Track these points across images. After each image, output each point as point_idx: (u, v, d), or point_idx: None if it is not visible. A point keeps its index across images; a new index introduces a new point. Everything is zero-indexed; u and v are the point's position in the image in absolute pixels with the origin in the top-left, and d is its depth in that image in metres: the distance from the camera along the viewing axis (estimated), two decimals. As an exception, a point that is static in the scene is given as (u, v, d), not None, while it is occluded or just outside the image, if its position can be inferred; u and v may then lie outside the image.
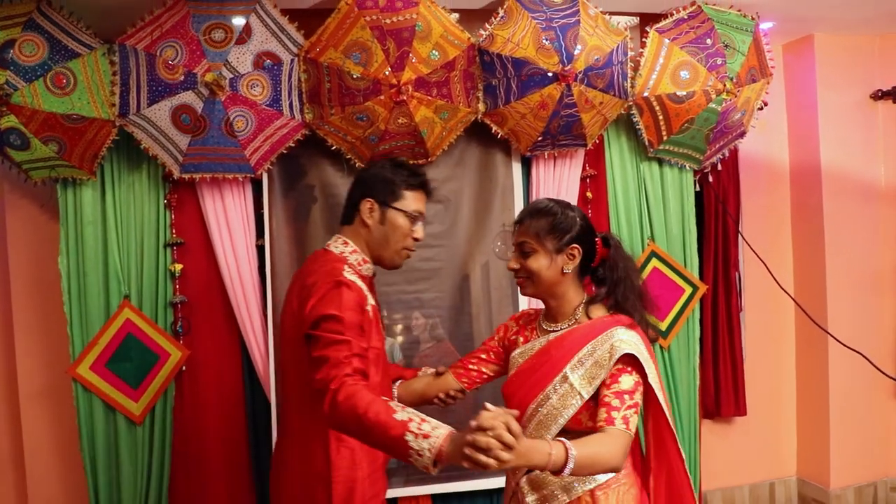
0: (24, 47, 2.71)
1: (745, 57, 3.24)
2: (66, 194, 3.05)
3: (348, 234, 2.18)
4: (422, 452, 1.61)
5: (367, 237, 2.17)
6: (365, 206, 2.15)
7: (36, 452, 3.27)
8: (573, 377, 1.94)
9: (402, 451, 1.64)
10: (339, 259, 2.11)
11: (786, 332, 4.18)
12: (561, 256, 2.01)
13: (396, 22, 2.83)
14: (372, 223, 2.16)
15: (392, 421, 1.67)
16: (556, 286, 2.04)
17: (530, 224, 2.04)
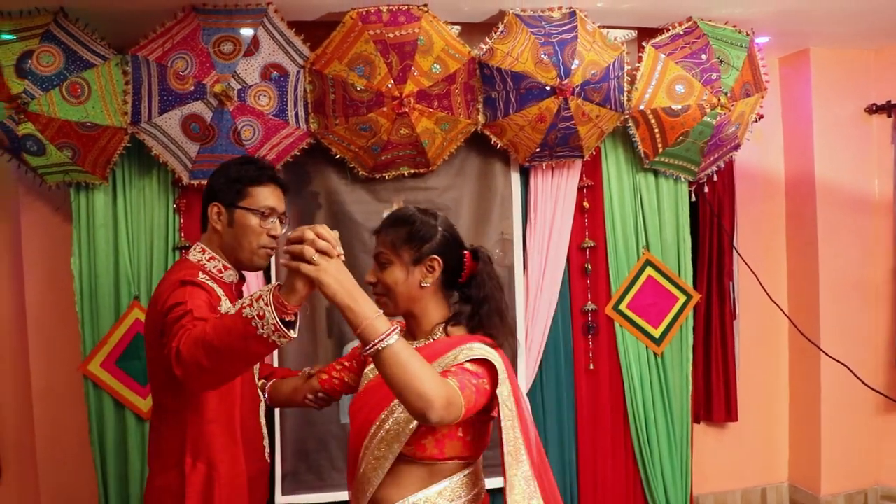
0: (42, 58, 2.82)
1: (739, 72, 3.32)
2: (79, 198, 3.17)
3: (204, 242, 2.11)
4: (262, 313, 1.48)
5: (219, 242, 2.08)
6: (212, 211, 2.07)
7: (47, 447, 3.39)
8: None
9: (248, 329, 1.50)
10: (194, 267, 2.03)
11: (779, 341, 4.25)
12: (419, 268, 1.80)
13: (399, 36, 2.93)
14: (221, 227, 2.07)
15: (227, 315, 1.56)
16: (415, 302, 1.82)
17: (387, 233, 1.84)
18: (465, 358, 1.69)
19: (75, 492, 3.39)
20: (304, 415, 3.23)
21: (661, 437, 3.61)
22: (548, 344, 3.49)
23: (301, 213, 3.30)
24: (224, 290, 2.01)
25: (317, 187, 3.32)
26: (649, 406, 3.59)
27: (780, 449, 4.31)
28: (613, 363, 3.61)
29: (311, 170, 3.30)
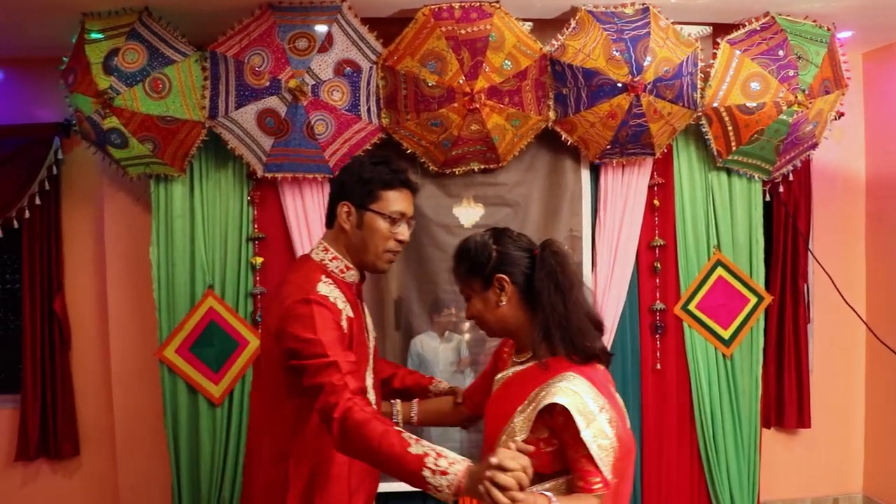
0: (127, 55, 2.93)
1: (818, 68, 3.23)
2: (158, 189, 3.28)
3: (328, 240, 2.03)
4: (440, 488, 1.59)
5: (345, 242, 2.00)
6: (342, 210, 1.98)
7: (125, 428, 3.54)
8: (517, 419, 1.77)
9: (420, 484, 1.62)
10: (318, 267, 1.97)
11: (855, 346, 4.12)
12: (491, 292, 1.85)
13: (471, 32, 2.94)
14: (349, 227, 1.98)
15: (407, 455, 1.62)
16: (504, 321, 1.87)
17: (456, 273, 1.95)
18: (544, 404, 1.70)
19: (150, 474, 3.52)
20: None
21: (728, 441, 3.55)
22: (615, 343, 3.46)
23: (371, 207, 3.35)
24: (344, 291, 1.96)
25: (387, 182, 3.36)
26: (716, 408, 3.53)
27: (854, 458, 4.18)
28: (681, 364, 3.56)
29: (381, 164, 3.34)
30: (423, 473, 1.60)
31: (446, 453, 1.63)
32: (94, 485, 3.67)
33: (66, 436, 3.58)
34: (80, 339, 3.66)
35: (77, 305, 3.65)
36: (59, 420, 3.56)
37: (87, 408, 3.67)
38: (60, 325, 3.58)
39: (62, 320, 3.58)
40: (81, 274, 3.65)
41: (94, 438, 3.67)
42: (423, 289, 3.33)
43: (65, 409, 3.57)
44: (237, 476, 3.32)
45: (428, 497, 3.28)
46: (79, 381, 3.67)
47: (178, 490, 3.31)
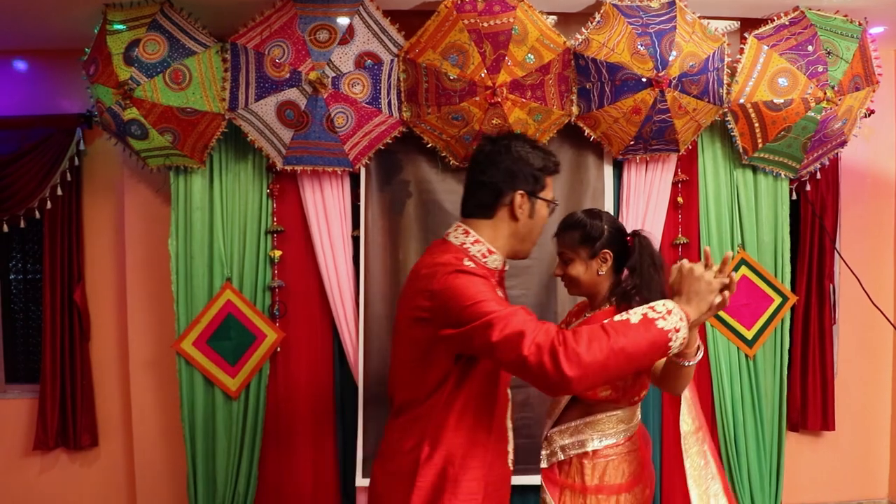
0: (148, 46, 2.92)
1: (848, 64, 3.16)
2: (177, 181, 3.28)
3: (480, 227, 1.92)
4: (678, 327, 1.68)
5: (513, 230, 1.92)
6: (517, 199, 1.88)
7: (142, 418, 3.54)
8: None
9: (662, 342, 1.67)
10: (458, 250, 1.88)
11: (883, 348, 4.04)
12: (595, 261, 2.22)
13: (493, 25, 2.90)
14: (522, 217, 1.91)
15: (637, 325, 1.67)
16: (595, 286, 2.25)
17: (564, 238, 2.25)
18: None
19: (166, 465, 3.53)
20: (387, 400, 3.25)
21: (750, 442, 3.49)
22: (635, 341, 3.41)
23: (392, 202, 3.32)
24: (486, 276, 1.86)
25: (407, 176, 3.33)
26: (738, 409, 3.48)
27: (880, 463, 4.10)
28: (702, 364, 3.50)
29: (402, 158, 3.32)
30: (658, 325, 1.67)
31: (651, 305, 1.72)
32: (111, 475, 3.68)
33: (85, 426, 3.59)
34: (99, 329, 3.67)
35: (97, 296, 3.66)
36: (78, 411, 3.57)
37: (105, 399, 3.68)
38: (80, 315, 3.59)
39: (82, 311, 3.59)
40: (102, 265, 3.66)
41: (112, 429, 3.68)
42: (442, 284, 3.30)
43: (84, 400, 3.58)
44: (252, 469, 3.32)
45: None
46: (98, 371, 3.68)
47: (193, 482, 3.32)
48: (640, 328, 1.66)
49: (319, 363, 3.38)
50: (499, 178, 1.90)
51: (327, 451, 3.39)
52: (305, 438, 3.35)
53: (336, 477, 3.41)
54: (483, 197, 1.91)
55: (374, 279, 3.29)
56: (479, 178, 1.92)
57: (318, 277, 3.33)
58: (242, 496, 3.32)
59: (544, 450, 2.26)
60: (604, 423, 2.19)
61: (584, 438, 2.19)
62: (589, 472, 2.17)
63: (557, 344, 1.62)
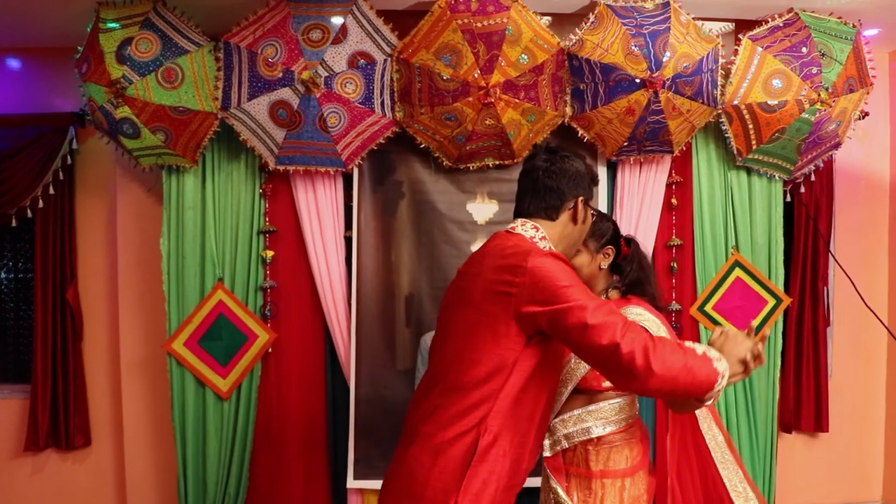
0: (140, 44, 2.91)
1: (842, 66, 3.16)
2: (170, 180, 3.27)
3: (544, 225, 2.01)
4: (724, 374, 1.78)
5: (567, 233, 2.05)
6: (579, 205, 2.02)
7: (133, 419, 3.53)
8: None
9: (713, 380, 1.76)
10: (529, 243, 1.95)
11: (877, 350, 4.03)
12: (599, 255, 2.38)
13: (487, 26, 2.89)
14: (579, 221, 2.05)
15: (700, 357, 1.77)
16: (593, 279, 2.40)
17: None
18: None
19: (158, 465, 3.52)
20: (378, 402, 3.26)
21: (743, 444, 3.48)
22: (628, 343, 3.40)
23: (384, 202, 3.32)
24: None
25: (401, 176, 3.32)
26: (731, 411, 3.47)
27: (874, 464, 4.09)
28: (696, 366, 3.50)
29: (395, 158, 3.31)
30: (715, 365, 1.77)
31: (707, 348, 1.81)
32: (102, 476, 3.66)
33: (78, 426, 3.57)
34: (91, 329, 3.65)
35: (89, 296, 3.65)
36: (69, 411, 3.55)
37: (97, 399, 3.66)
38: (73, 315, 3.57)
39: (74, 310, 3.57)
40: (94, 264, 3.64)
41: (103, 430, 3.66)
42: (435, 285, 3.29)
43: (76, 400, 3.56)
44: (243, 471, 3.30)
45: None
46: (90, 371, 3.66)
47: (184, 483, 3.30)
48: (702, 360, 1.77)
49: (311, 364, 3.37)
50: (566, 183, 2.03)
51: (318, 452, 3.37)
52: (297, 440, 3.33)
53: (327, 478, 3.39)
54: (551, 200, 2.02)
55: (366, 280, 3.27)
56: (545, 183, 2.03)
57: (310, 278, 3.32)
58: (233, 497, 3.30)
59: (547, 439, 2.35)
60: (606, 410, 2.29)
61: (588, 426, 2.29)
62: (594, 458, 2.29)
63: (650, 341, 1.74)
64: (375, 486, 3.27)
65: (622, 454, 2.31)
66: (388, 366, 3.30)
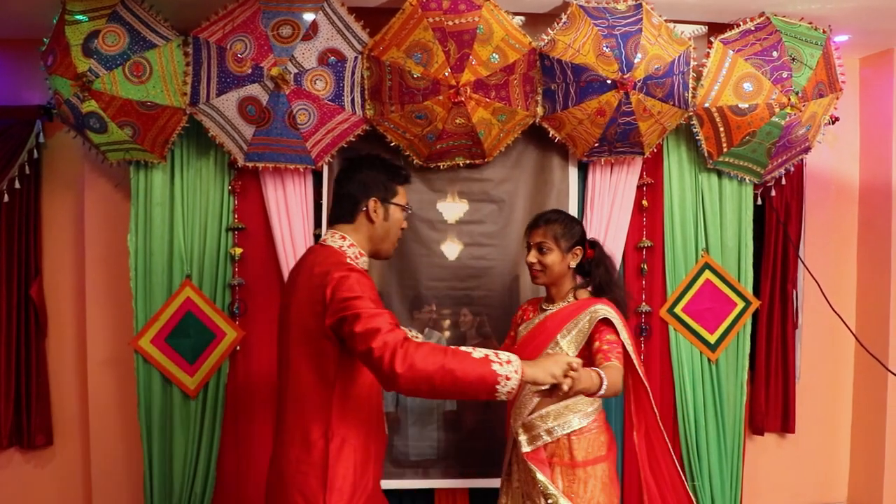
0: (108, 37, 2.88)
1: (812, 71, 3.18)
2: (138, 176, 3.23)
3: (348, 231, 2.28)
4: (509, 376, 1.89)
5: (370, 233, 2.29)
6: (371, 205, 2.26)
7: (99, 417, 3.48)
8: (562, 342, 2.53)
9: (490, 380, 1.88)
10: (338, 253, 2.21)
11: (844, 354, 4.07)
12: (569, 255, 2.61)
13: (458, 24, 2.88)
14: (378, 220, 2.28)
15: (474, 358, 1.90)
16: (561, 277, 2.64)
17: (548, 228, 2.62)
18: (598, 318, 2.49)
19: (123, 465, 3.47)
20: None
21: (712, 446, 3.50)
22: (598, 344, 3.41)
23: (354, 200, 3.29)
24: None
25: (371, 174, 3.30)
26: (700, 413, 3.48)
27: (840, 466, 4.13)
28: (665, 368, 3.51)
29: (365, 157, 3.29)
30: (493, 367, 1.89)
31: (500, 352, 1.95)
32: (67, 475, 3.61)
33: (40, 425, 3.51)
34: (56, 326, 3.60)
35: (54, 292, 3.59)
36: (32, 409, 3.49)
37: (61, 397, 3.60)
38: (37, 311, 3.51)
39: (39, 307, 3.51)
40: (60, 260, 3.59)
41: (68, 428, 3.61)
42: (405, 284, 3.28)
43: (39, 399, 3.51)
44: (210, 469, 3.27)
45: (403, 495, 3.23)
46: (54, 369, 3.60)
47: (150, 482, 3.26)
48: (477, 362, 1.89)
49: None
50: (352, 189, 2.29)
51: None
52: (264, 438, 3.29)
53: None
54: (346, 206, 2.29)
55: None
56: (339, 192, 2.32)
57: (279, 276, 3.29)
58: (199, 496, 3.27)
59: (523, 435, 2.57)
60: (582, 403, 2.54)
61: (569, 419, 2.53)
62: (577, 448, 2.52)
63: (399, 346, 1.89)
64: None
65: (599, 440, 2.57)
66: (356, 365, 3.27)
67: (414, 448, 3.31)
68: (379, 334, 1.92)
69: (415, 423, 3.33)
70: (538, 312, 2.72)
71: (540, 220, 2.66)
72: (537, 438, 2.56)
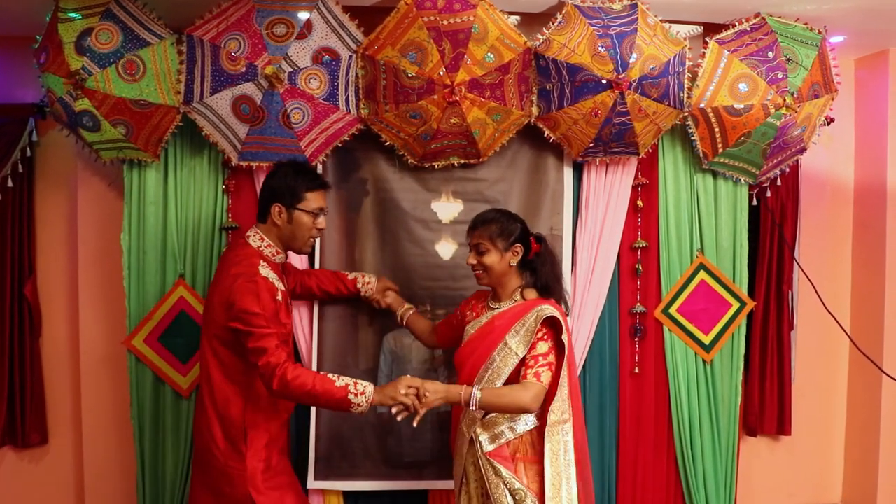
0: (101, 35, 2.86)
1: (808, 72, 3.17)
2: (131, 175, 3.22)
3: (263, 230, 2.67)
4: (360, 404, 2.42)
5: (278, 233, 2.66)
6: (274, 210, 2.62)
7: (92, 416, 3.48)
8: (511, 342, 2.57)
9: (345, 406, 2.42)
10: (256, 253, 2.60)
11: (839, 355, 4.07)
12: (508, 254, 2.63)
13: (453, 23, 2.88)
14: (281, 223, 2.64)
15: (335, 388, 2.41)
16: (504, 276, 2.67)
17: (484, 230, 2.65)
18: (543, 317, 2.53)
19: (116, 463, 3.46)
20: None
21: (706, 447, 3.50)
22: (593, 344, 3.41)
23: (349, 200, 3.29)
24: (274, 270, 2.63)
25: (365, 174, 3.30)
26: (695, 414, 3.48)
27: (834, 468, 4.13)
28: (660, 368, 3.51)
29: (360, 156, 3.28)
30: (349, 397, 2.41)
31: (360, 381, 2.45)
32: (60, 474, 3.61)
33: (34, 424, 3.50)
34: (50, 325, 3.59)
35: (48, 291, 3.59)
36: (26, 408, 3.48)
37: (55, 396, 3.60)
38: (31, 310, 3.51)
39: (32, 306, 3.51)
40: (54, 259, 3.58)
41: (61, 427, 3.61)
42: (399, 284, 3.24)
43: (33, 397, 3.50)
44: (203, 469, 3.26)
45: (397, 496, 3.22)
46: (48, 368, 3.59)
47: (142, 481, 3.25)
48: (336, 391, 2.41)
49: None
50: (264, 195, 2.68)
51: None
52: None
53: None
54: (261, 207, 2.68)
55: (330, 278, 3.25)
56: (259, 195, 2.73)
57: (273, 275, 3.28)
58: (192, 496, 3.26)
59: (483, 434, 2.59)
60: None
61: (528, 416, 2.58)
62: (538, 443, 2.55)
63: (279, 368, 2.39)
64: (337, 486, 3.27)
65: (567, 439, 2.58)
66: (350, 365, 3.27)
67: (408, 449, 3.30)
68: (264, 355, 2.40)
69: (408, 423, 3.31)
70: (486, 310, 2.74)
71: (476, 222, 2.70)
72: (499, 437, 2.59)
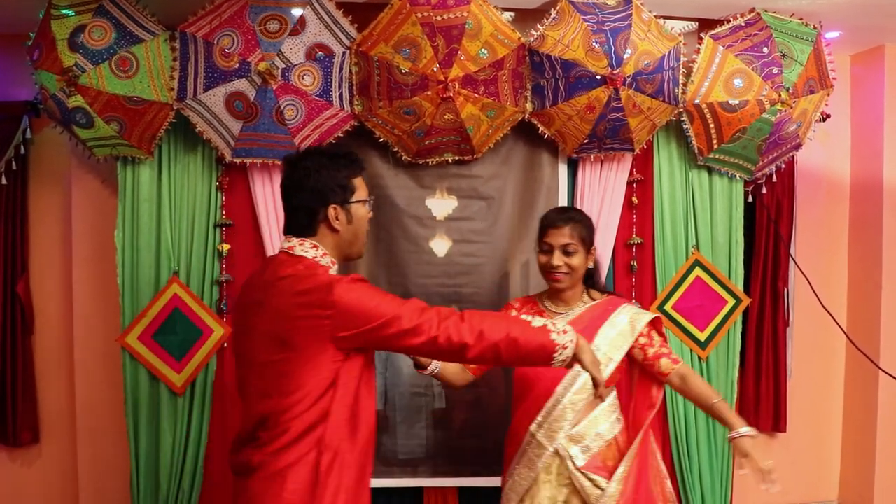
0: (94, 32, 2.85)
1: (803, 67, 3.17)
2: (125, 172, 3.21)
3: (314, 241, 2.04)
4: (566, 345, 1.97)
5: (335, 241, 2.05)
6: (331, 214, 2.01)
7: (86, 415, 3.46)
8: (603, 346, 2.42)
9: (548, 347, 1.96)
10: (315, 265, 2.00)
11: (835, 352, 4.06)
12: (589, 256, 2.51)
13: (447, 19, 2.87)
14: (341, 227, 2.04)
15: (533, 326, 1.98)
16: (581, 280, 2.53)
17: (574, 228, 2.46)
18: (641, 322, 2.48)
19: (110, 461, 3.44)
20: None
21: (702, 444, 3.49)
22: (588, 341, 3.40)
23: (343, 197, 3.28)
24: None
25: (359, 171, 3.29)
26: (690, 411, 3.47)
27: (831, 465, 4.12)
28: (655, 365, 3.50)
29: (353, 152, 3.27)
30: (552, 336, 1.96)
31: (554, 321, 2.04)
32: (54, 473, 3.59)
33: (26, 423, 3.49)
34: (43, 323, 3.57)
35: (41, 289, 3.57)
36: (18, 406, 3.47)
37: (48, 394, 3.58)
38: (23, 308, 3.49)
39: (25, 304, 3.49)
40: (47, 257, 3.57)
41: (54, 426, 3.59)
42: (393, 281, 3.26)
43: (25, 396, 3.49)
44: (197, 466, 3.25)
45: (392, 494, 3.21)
46: (41, 366, 3.58)
47: (136, 480, 3.24)
48: (538, 331, 1.97)
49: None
50: (309, 199, 2.02)
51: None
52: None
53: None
54: (302, 218, 2.04)
55: (324, 275, 3.24)
56: (291, 204, 2.06)
57: (267, 272, 3.27)
58: (187, 493, 3.25)
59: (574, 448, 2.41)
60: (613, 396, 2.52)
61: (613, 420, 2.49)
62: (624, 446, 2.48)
63: (460, 322, 1.91)
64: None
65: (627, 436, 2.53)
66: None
67: (402, 446, 3.30)
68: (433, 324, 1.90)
69: (403, 420, 3.31)
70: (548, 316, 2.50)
71: (563, 219, 2.48)
72: (588, 450, 2.42)
